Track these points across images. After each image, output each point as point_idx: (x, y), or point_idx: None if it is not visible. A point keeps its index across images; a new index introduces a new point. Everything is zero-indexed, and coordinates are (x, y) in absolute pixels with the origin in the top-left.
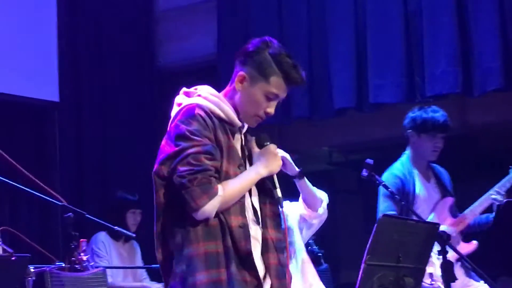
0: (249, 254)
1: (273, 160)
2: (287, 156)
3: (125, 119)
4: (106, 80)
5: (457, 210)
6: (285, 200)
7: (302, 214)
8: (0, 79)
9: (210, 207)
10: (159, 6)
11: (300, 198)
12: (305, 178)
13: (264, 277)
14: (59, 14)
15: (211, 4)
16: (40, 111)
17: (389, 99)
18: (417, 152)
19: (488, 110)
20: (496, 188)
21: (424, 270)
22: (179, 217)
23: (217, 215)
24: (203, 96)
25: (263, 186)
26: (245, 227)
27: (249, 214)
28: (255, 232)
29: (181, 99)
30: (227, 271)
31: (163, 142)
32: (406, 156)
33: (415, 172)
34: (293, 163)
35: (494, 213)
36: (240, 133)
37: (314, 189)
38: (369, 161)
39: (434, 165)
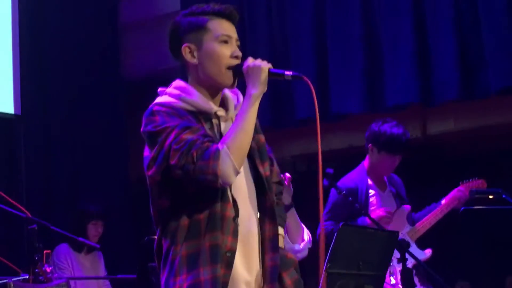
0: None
1: (257, 71)
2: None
3: (91, 130)
4: (72, 92)
5: (413, 218)
6: None
7: None
8: None
9: (224, 166)
10: (124, 18)
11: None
12: (294, 209)
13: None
14: (21, 24)
15: (174, 16)
16: (4, 123)
17: (351, 109)
18: (374, 166)
19: (446, 119)
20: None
21: (384, 277)
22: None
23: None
24: (168, 93)
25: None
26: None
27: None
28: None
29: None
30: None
31: (145, 153)
32: (362, 165)
33: (370, 183)
34: (291, 191)
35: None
36: (219, 119)
37: (301, 225)
38: (330, 170)
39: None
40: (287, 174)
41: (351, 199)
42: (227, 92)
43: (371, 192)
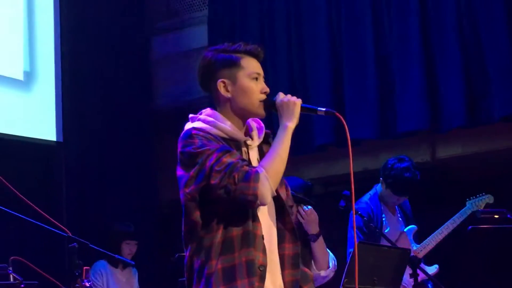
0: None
1: (292, 106)
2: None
3: (124, 156)
4: (107, 120)
5: (417, 237)
6: None
7: None
8: (12, 123)
9: (263, 188)
10: (155, 53)
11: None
12: (321, 238)
13: None
14: (63, 58)
15: (202, 51)
16: (47, 150)
17: (365, 135)
18: (382, 196)
19: (454, 144)
20: (451, 220)
21: None
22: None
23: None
24: (201, 119)
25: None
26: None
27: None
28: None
29: (186, 126)
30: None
31: (179, 173)
32: (375, 190)
33: (382, 207)
34: (317, 222)
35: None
36: (247, 147)
37: (327, 252)
38: (346, 192)
39: None
40: (306, 208)
41: (367, 219)
42: (250, 121)
43: (383, 216)
